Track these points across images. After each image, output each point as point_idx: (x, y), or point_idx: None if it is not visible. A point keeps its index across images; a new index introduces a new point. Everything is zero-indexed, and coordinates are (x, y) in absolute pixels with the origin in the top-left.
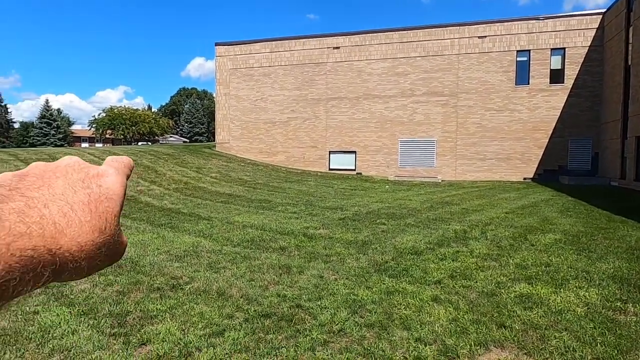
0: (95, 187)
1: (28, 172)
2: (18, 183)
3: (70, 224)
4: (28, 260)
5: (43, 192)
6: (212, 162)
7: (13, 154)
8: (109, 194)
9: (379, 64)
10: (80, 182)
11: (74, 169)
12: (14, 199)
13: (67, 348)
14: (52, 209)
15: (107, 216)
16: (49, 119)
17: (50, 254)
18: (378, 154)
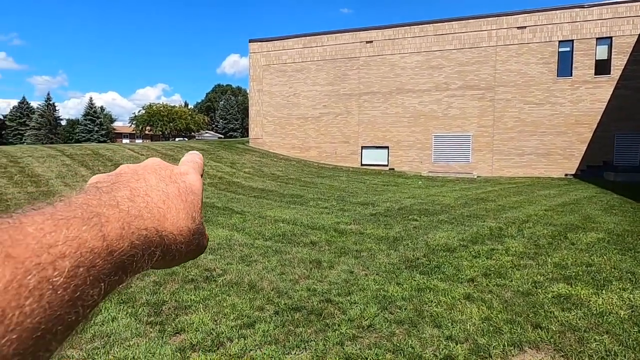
0: (181, 182)
1: (121, 171)
2: (117, 178)
3: (170, 210)
4: (144, 239)
5: (141, 184)
6: (245, 157)
7: (60, 150)
8: (193, 188)
9: (412, 57)
10: (168, 178)
11: (161, 167)
12: (120, 189)
13: (107, 334)
14: (153, 196)
15: (194, 207)
16: (92, 116)
17: (158, 235)
18: (411, 150)
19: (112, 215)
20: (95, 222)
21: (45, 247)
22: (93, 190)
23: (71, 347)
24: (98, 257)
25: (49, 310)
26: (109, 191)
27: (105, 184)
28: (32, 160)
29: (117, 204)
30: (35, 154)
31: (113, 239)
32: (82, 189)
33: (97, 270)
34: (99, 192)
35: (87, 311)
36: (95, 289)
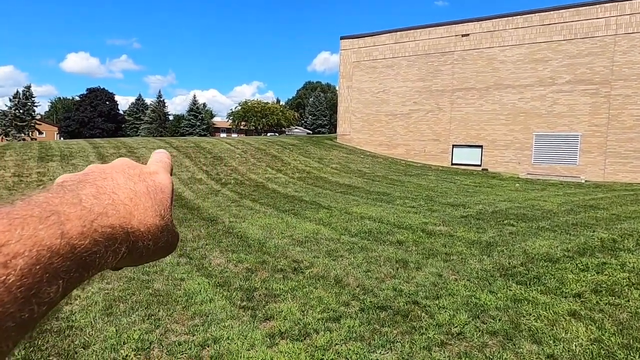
0: (150, 181)
1: (89, 170)
2: (83, 177)
3: (137, 207)
4: (108, 236)
5: (108, 182)
6: (333, 153)
7: (168, 142)
8: (162, 187)
9: (513, 50)
10: (137, 177)
11: (129, 167)
12: (85, 187)
13: (205, 314)
14: (120, 194)
15: (163, 205)
16: (195, 112)
17: (124, 231)
18: (508, 149)
19: (73, 213)
20: (53, 220)
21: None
22: (56, 189)
23: (175, 321)
24: (56, 254)
25: (0, 308)
26: (73, 189)
27: (71, 182)
28: (145, 151)
29: (80, 202)
30: (148, 146)
31: (73, 236)
32: (46, 188)
33: (54, 268)
34: (62, 190)
35: (43, 308)
36: (52, 286)
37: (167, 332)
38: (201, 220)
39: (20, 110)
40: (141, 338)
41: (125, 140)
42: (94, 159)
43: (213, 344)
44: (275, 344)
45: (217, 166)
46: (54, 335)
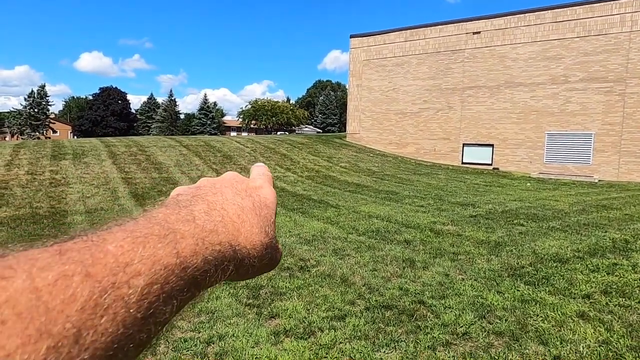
0: (255, 196)
1: (201, 184)
2: (196, 191)
3: (244, 224)
4: (218, 254)
5: (218, 197)
6: (342, 152)
7: (179, 141)
8: (267, 202)
9: (525, 48)
10: (244, 192)
11: (237, 181)
12: (198, 203)
13: (211, 311)
14: (229, 210)
15: (268, 221)
16: (206, 110)
17: (232, 249)
18: (519, 148)
19: (187, 232)
20: (170, 239)
21: (122, 265)
22: (173, 204)
23: (181, 318)
24: (172, 274)
25: (122, 329)
26: (187, 205)
27: (185, 197)
28: (156, 149)
29: (194, 219)
30: (158, 144)
31: (187, 256)
32: (164, 203)
33: (170, 287)
34: (178, 207)
35: (159, 328)
36: (167, 306)
37: (172, 329)
38: None
39: (35, 110)
40: None
41: (137, 139)
42: (105, 158)
43: (218, 341)
44: (280, 342)
45: (226, 165)
46: None
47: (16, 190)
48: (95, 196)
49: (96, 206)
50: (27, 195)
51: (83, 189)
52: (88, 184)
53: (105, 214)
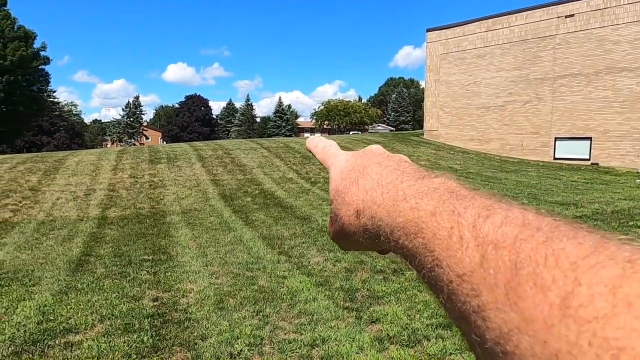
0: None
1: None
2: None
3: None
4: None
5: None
6: (420, 150)
7: (259, 143)
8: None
9: (630, 28)
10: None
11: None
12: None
13: (310, 312)
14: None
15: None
16: (281, 113)
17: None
18: (623, 141)
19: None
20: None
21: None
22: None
23: (282, 319)
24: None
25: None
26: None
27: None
28: (239, 152)
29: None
30: (241, 147)
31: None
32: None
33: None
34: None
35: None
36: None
37: (275, 329)
38: (295, 219)
39: (130, 119)
40: (252, 334)
41: (221, 143)
42: (195, 161)
43: (322, 344)
44: (385, 349)
45: (305, 165)
46: (174, 325)
47: (122, 192)
48: (188, 197)
49: (190, 206)
50: (131, 196)
51: (177, 191)
52: (182, 186)
53: (198, 214)
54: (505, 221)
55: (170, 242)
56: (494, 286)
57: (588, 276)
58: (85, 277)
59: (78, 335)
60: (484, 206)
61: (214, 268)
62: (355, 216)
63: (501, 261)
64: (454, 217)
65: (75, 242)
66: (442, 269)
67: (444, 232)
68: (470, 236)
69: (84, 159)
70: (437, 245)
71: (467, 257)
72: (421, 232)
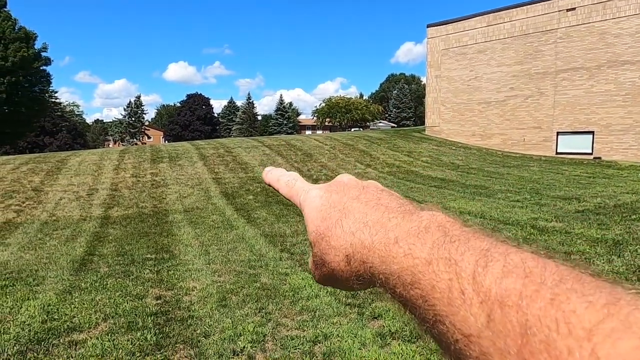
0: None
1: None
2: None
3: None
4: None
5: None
6: (422, 146)
7: (261, 141)
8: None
9: (632, 21)
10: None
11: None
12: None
13: (312, 309)
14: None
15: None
16: (282, 111)
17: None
18: (626, 134)
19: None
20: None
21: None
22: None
23: (284, 316)
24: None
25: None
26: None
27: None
28: (241, 150)
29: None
30: (242, 145)
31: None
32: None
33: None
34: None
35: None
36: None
37: (278, 326)
38: (297, 216)
39: (132, 118)
40: (255, 331)
41: (223, 141)
42: (196, 160)
43: (324, 341)
44: (387, 345)
45: (307, 163)
46: (178, 323)
47: (124, 191)
48: (190, 196)
49: (192, 205)
50: (133, 196)
51: (180, 190)
52: (184, 185)
53: (200, 213)
54: (505, 271)
55: (172, 241)
56: (506, 353)
57: (606, 349)
58: (88, 276)
59: (82, 333)
60: (480, 251)
61: (217, 266)
62: (345, 262)
63: (509, 324)
64: (451, 266)
65: (79, 242)
66: (445, 327)
67: (442, 285)
68: (472, 291)
69: (86, 159)
70: (438, 300)
71: (471, 316)
72: (418, 283)
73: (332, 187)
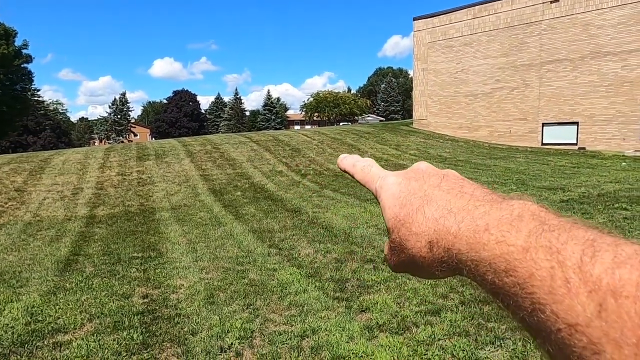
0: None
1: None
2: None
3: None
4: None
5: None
6: (410, 139)
7: (248, 137)
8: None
9: (614, 12)
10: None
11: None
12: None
13: (300, 304)
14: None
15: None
16: (270, 106)
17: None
18: (609, 125)
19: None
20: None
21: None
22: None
23: (272, 311)
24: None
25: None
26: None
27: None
28: (228, 146)
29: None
30: (230, 141)
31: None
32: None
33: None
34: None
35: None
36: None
37: (266, 321)
38: (286, 212)
39: (118, 116)
40: (243, 327)
41: (210, 137)
42: (184, 156)
43: (312, 335)
44: (375, 337)
45: (295, 158)
46: (165, 322)
47: (110, 190)
48: (178, 193)
49: (179, 202)
50: (119, 194)
51: (167, 187)
52: (171, 182)
53: (188, 210)
54: (617, 261)
55: (160, 239)
56: (622, 343)
57: None
58: (73, 276)
59: (67, 335)
60: (585, 240)
61: (204, 263)
62: (428, 248)
63: (626, 315)
64: (552, 254)
65: (64, 242)
66: (545, 315)
67: (543, 272)
68: (579, 280)
69: (71, 157)
70: (537, 288)
71: (578, 305)
72: (514, 270)
73: (410, 174)
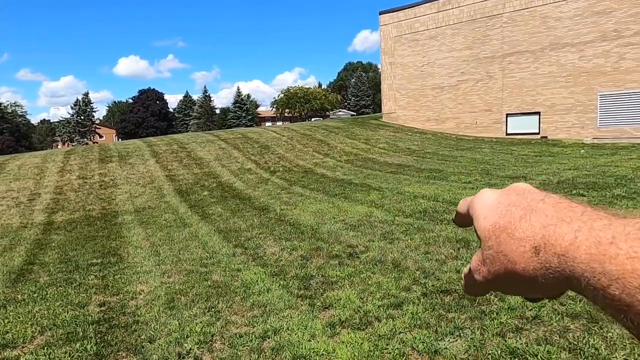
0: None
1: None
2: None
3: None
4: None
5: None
6: (379, 133)
7: (216, 135)
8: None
9: (570, 5)
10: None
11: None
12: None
13: (264, 304)
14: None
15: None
16: (240, 103)
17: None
18: (569, 114)
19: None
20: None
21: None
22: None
23: (234, 313)
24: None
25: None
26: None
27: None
28: (195, 145)
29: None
30: (197, 140)
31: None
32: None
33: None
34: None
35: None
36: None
37: (227, 324)
38: (253, 210)
39: (81, 117)
40: (203, 331)
41: (176, 137)
42: (148, 157)
43: (273, 335)
44: (336, 334)
45: (264, 155)
46: (121, 330)
47: (70, 194)
48: (142, 195)
49: (144, 205)
50: (80, 198)
51: (130, 189)
52: (135, 184)
53: (152, 212)
54: None
55: (121, 243)
56: None
57: None
58: (26, 287)
59: (15, 349)
60: None
61: (167, 267)
62: (532, 252)
63: None
64: None
65: (17, 251)
66: None
67: None
68: None
69: (27, 162)
70: None
71: None
72: None
73: (508, 191)
